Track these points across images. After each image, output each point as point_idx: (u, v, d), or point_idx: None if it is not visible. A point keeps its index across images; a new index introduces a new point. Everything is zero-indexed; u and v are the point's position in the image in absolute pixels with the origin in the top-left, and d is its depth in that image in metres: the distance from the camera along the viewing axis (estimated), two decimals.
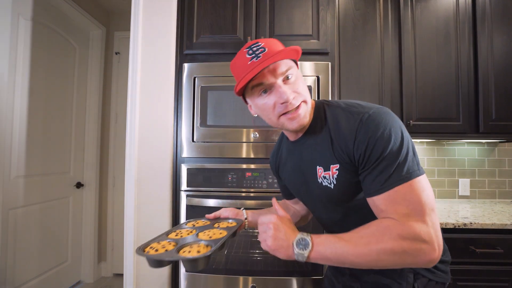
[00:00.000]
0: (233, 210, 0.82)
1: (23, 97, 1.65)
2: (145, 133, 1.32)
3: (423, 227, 0.48)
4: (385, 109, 0.59)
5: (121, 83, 2.33)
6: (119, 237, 2.32)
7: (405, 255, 0.48)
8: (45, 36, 1.80)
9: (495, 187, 1.73)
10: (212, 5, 1.34)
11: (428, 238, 0.47)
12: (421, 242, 0.47)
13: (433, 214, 0.50)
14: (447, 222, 1.14)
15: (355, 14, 1.50)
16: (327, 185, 0.63)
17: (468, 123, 1.46)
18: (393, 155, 0.52)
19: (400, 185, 0.51)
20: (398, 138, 0.53)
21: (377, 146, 0.53)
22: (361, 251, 0.49)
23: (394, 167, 0.52)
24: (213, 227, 0.71)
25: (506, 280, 1.11)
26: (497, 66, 1.45)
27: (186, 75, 1.30)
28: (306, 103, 0.62)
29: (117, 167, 2.36)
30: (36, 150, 1.75)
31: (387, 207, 0.52)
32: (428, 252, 0.47)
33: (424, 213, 0.49)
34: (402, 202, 0.50)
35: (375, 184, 0.53)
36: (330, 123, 0.62)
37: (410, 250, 0.47)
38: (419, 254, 0.47)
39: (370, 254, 0.49)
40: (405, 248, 0.47)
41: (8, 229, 1.55)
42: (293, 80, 0.61)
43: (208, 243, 0.58)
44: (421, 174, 0.52)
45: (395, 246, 0.47)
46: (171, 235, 0.67)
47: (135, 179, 1.30)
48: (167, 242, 0.61)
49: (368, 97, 1.48)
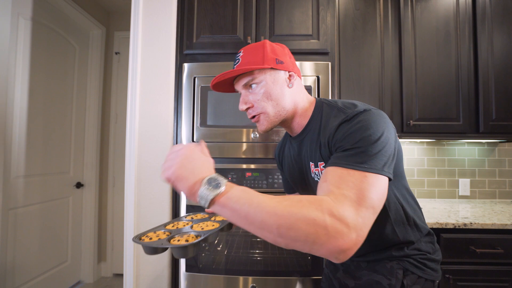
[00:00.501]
0: None
1: (23, 97, 1.65)
2: (145, 133, 1.32)
3: (353, 213, 0.44)
4: (378, 111, 0.59)
5: (121, 83, 2.33)
6: (119, 237, 2.32)
7: (321, 231, 0.42)
8: (45, 36, 1.80)
9: (495, 187, 1.73)
10: (212, 5, 1.34)
11: (352, 225, 0.43)
12: (344, 225, 0.43)
13: (368, 211, 0.46)
14: (447, 222, 1.14)
15: (355, 14, 1.50)
16: (317, 181, 0.67)
17: (468, 123, 1.46)
18: (364, 146, 0.52)
19: (357, 171, 0.49)
20: (377, 134, 0.53)
21: (351, 136, 0.54)
22: (278, 210, 0.43)
23: (360, 155, 0.51)
24: (209, 220, 0.73)
25: (506, 280, 1.11)
26: (497, 66, 1.45)
27: (186, 75, 1.30)
28: (266, 114, 0.67)
29: (117, 167, 2.36)
30: (36, 150, 1.75)
31: (332, 181, 0.49)
32: (345, 237, 0.42)
33: (361, 204, 0.46)
34: (349, 184, 0.48)
35: (337, 158, 0.53)
36: (323, 121, 0.65)
37: (330, 228, 0.42)
38: (336, 235, 0.42)
39: (288, 217, 0.42)
40: (327, 223, 0.42)
41: (8, 229, 1.55)
42: (257, 91, 0.66)
43: (198, 234, 0.60)
44: (383, 175, 0.51)
45: (319, 217, 0.42)
46: (168, 226, 0.70)
47: (135, 179, 1.30)
48: (162, 232, 0.64)
49: (368, 97, 1.48)
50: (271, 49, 0.67)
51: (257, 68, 0.64)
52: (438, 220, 1.17)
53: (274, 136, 1.26)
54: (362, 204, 0.46)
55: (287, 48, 0.72)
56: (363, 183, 0.48)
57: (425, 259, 0.68)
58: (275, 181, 1.24)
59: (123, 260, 1.30)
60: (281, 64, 0.67)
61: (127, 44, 1.44)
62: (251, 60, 0.65)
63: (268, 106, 0.66)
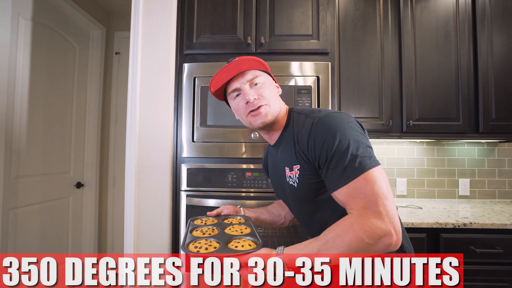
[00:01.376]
0: (233, 207, 0.89)
1: (23, 97, 1.65)
2: (145, 133, 1.32)
3: (378, 221, 0.53)
4: (337, 113, 0.65)
5: (121, 83, 2.33)
6: (119, 237, 2.32)
7: (369, 247, 0.53)
8: (45, 36, 1.80)
9: (495, 187, 1.73)
10: (212, 5, 1.34)
11: (385, 228, 0.53)
12: (381, 235, 0.53)
13: (386, 202, 0.54)
14: (447, 222, 1.14)
15: (355, 14, 1.50)
16: (292, 184, 0.71)
17: (468, 123, 1.46)
18: (341, 152, 0.58)
19: (355, 179, 0.56)
20: (344, 137, 0.59)
21: (325, 146, 0.60)
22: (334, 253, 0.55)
23: (345, 163, 0.57)
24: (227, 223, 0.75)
25: (506, 280, 1.12)
26: (497, 66, 1.45)
27: (186, 75, 1.30)
28: (270, 106, 0.72)
29: (117, 167, 2.36)
30: (36, 150, 1.74)
31: (347, 201, 0.57)
32: (388, 241, 0.53)
33: (378, 204, 0.54)
34: (359, 195, 0.55)
35: (332, 180, 0.59)
36: (295, 127, 0.71)
37: (372, 241, 0.53)
38: (380, 243, 0.53)
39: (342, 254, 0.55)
40: (368, 242, 0.53)
41: (8, 229, 1.55)
42: (260, 86, 0.73)
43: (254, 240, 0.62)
44: (374, 167, 0.56)
45: (359, 242, 0.53)
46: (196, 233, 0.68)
47: (135, 179, 1.30)
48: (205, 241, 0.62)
49: (368, 97, 1.48)
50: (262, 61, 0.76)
51: (261, 68, 0.75)
52: (438, 220, 1.17)
53: None
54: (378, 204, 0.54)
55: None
56: (366, 187, 0.55)
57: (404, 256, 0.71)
58: None
59: None
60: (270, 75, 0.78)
61: (127, 44, 1.44)
62: (250, 64, 0.73)
63: (270, 100, 0.73)
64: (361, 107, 1.47)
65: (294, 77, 1.26)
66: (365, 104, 1.47)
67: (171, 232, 1.31)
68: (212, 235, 0.66)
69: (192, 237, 0.64)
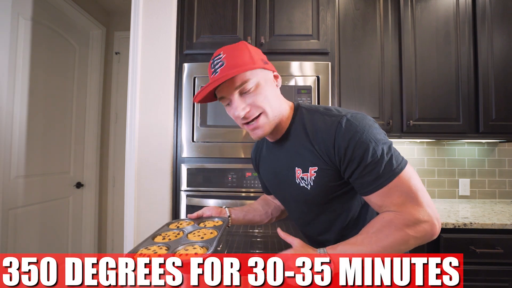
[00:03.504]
0: (216, 209, 0.83)
1: (23, 97, 1.65)
2: (145, 133, 1.32)
3: (420, 210, 0.53)
4: (361, 113, 0.62)
5: (121, 83, 2.33)
6: (119, 237, 2.32)
7: (413, 240, 0.53)
8: (45, 36, 1.80)
9: (495, 187, 1.73)
10: (212, 5, 1.34)
11: (427, 217, 0.53)
12: (423, 223, 0.53)
13: (424, 193, 0.55)
14: (447, 222, 1.14)
15: (355, 14, 1.50)
16: (304, 186, 0.66)
17: (468, 123, 1.46)
18: (376, 156, 0.56)
19: (391, 182, 0.55)
20: (377, 140, 0.57)
21: (357, 150, 0.56)
22: (376, 251, 0.55)
23: (381, 167, 0.55)
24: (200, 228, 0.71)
25: (506, 280, 1.12)
26: (497, 66, 1.45)
27: (186, 75, 1.30)
28: (266, 114, 0.63)
29: (117, 167, 2.36)
30: (36, 150, 1.74)
31: (383, 202, 0.57)
32: (430, 230, 0.53)
33: (417, 196, 0.54)
34: (396, 194, 0.55)
35: (367, 185, 0.57)
36: (308, 127, 0.64)
37: (416, 234, 0.53)
38: (424, 234, 0.53)
39: (385, 251, 0.54)
40: (411, 234, 0.53)
41: (8, 229, 1.55)
42: (252, 93, 0.62)
43: (203, 244, 0.58)
44: (405, 165, 0.56)
45: (403, 236, 0.53)
46: (157, 238, 0.65)
47: (135, 179, 1.30)
48: (158, 247, 0.59)
49: (368, 97, 1.48)
50: (254, 50, 0.65)
51: (250, 69, 0.61)
52: None
53: None
54: (417, 197, 0.54)
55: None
56: (403, 185, 0.55)
57: None
58: None
59: None
60: (267, 65, 0.65)
61: (127, 44, 1.44)
62: (239, 61, 0.61)
63: (266, 106, 0.63)
64: (361, 107, 1.47)
65: (294, 77, 1.26)
66: (365, 104, 1.47)
67: None
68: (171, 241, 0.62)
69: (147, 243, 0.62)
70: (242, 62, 0.61)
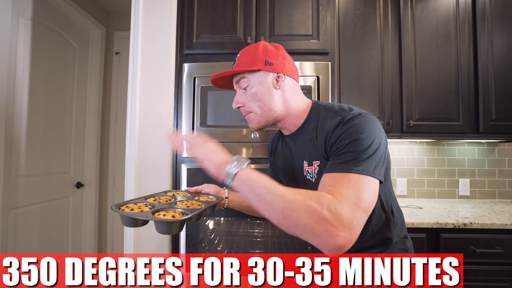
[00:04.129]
0: (215, 187, 0.85)
1: (23, 97, 1.65)
2: (145, 133, 1.32)
3: (350, 213, 0.48)
4: (372, 116, 0.62)
5: (121, 83, 2.33)
6: (119, 237, 2.32)
7: (319, 222, 0.47)
8: (45, 36, 1.80)
9: (495, 187, 1.73)
10: (212, 5, 1.34)
11: (347, 223, 0.47)
12: (339, 222, 0.47)
13: (362, 213, 0.50)
14: (447, 222, 1.14)
15: (355, 14, 1.50)
16: (309, 179, 0.69)
17: (468, 123, 1.46)
18: (358, 150, 0.55)
19: (351, 173, 0.53)
20: (369, 140, 0.56)
21: (346, 138, 0.57)
22: (286, 196, 0.50)
23: (354, 158, 0.54)
24: (192, 199, 0.72)
25: (506, 280, 1.12)
26: (497, 66, 1.45)
27: (186, 75, 1.30)
28: (256, 114, 0.70)
29: (117, 167, 2.36)
30: (36, 150, 1.74)
31: (330, 183, 0.54)
32: (339, 234, 0.46)
33: (358, 204, 0.50)
34: (345, 185, 0.52)
35: (333, 165, 0.57)
36: (320, 123, 0.67)
37: (326, 221, 0.46)
38: (331, 230, 0.46)
39: (293, 202, 0.48)
40: (324, 216, 0.46)
41: (8, 229, 1.55)
42: (247, 91, 0.70)
43: (184, 211, 0.60)
44: (375, 178, 0.54)
45: (318, 209, 0.47)
46: (149, 199, 0.68)
47: (135, 179, 1.30)
48: (144, 204, 0.63)
49: (368, 97, 1.48)
50: (263, 51, 0.69)
51: (246, 69, 0.68)
52: (438, 220, 1.17)
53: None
54: (358, 205, 0.50)
55: (282, 48, 0.73)
56: (357, 185, 0.52)
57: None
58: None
59: None
60: (270, 66, 0.68)
61: (127, 44, 1.44)
62: (244, 61, 0.69)
63: (255, 107, 0.70)
64: (361, 107, 1.46)
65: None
66: (365, 104, 1.47)
67: None
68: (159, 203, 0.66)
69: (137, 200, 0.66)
70: (244, 63, 0.69)
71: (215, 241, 1.27)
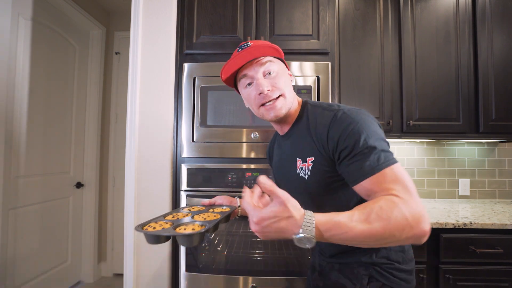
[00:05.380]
0: (228, 198, 0.88)
1: (23, 97, 1.65)
2: (145, 133, 1.32)
3: (418, 204, 0.50)
4: (361, 110, 0.64)
5: (121, 83, 2.33)
6: (119, 237, 2.32)
7: (410, 229, 0.47)
8: (45, 36, 1.80)
9: (495, 187, 1.73)
10: (212, 5, 1.34)
11: (424, 213, 0.49)
12: (420, 217, 0.48)
13: (415, 192, 0.52)
14: (447, 222, 1.14)
15: (355, 14, 1.50)
16: (302, 176, 0.70)
17: (468, 123, 1.46)
18: (368, 145, 0.56)
19: (385, 168, 0.54)
20: (370, 131, 0.58)
21: (349, 139, 0.58)
22: (373, 231, 0.47)
23: (373, 155, 0.55)
24: (208, 212, 0.77)
25: (506, 280, 1.12)
26: (497, 66, 1.45)
27: (186, 75, 1.30)
28: (285, 97, 0.69)
29: (117, 167, 2.36)
30: (36, 150, 1.75)
31: (379, 187, 0.53)
32: (424, 222, 0.48)
33: (414, 191, 0.52)
34: (393, 181, 0.52)
35: (358, 171, 0.56)
36: (311, 120, 0.69)
37: (415, 224, 0.48)
38: (418, 228, 0.48)
39: (382, 233, 0.47)
40: (411, 223, 0.47)
41: (8, 229, 1.55)
42: (274, 76, 0.69)
43: (203, 223, 0.64)
44: (396, 162, 0.56)
45: (403, 220, 0.47)
46: (168, 217, 0.73)
47: (135, 179, 1.30)
48: (164, 222, 0.67)
49: (368, 97, 1.48)
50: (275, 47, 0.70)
51: (276, 55, 0.70)
52: (438, 220, 1.17)
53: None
54: (414, 192, 0.52)
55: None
56: (398, 175, 0.53)
57: (393, 269, 0.67)
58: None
59: (123, 260, 1.30)
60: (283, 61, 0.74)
61: (127, 44, 1.44)
62: (266, 50, 0.67)
63: (286, 90, 0.70)
64: (361, 107, 1.46)
65: (294, 77, 1.26)
66: (365, 104, 1.47)
67: None
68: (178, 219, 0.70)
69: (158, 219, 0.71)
70: (268, 51, 0.68)
71: (215, 241, 1.27)
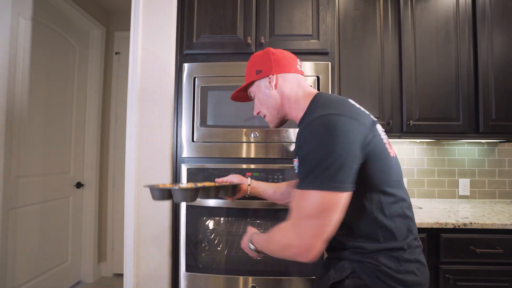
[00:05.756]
0: (239, 176, 0.98)
1: (23, 97, 1.65)
2: (145, 133, 1.32)
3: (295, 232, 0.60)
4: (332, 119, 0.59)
5: (121, 83, 2.33)
6: (119, 237, 2.32)
7: (281, 252, 0.65)
8: (45, 36, 1.80)
9: (495, 187, 1.73)
10: (212, 5, 1.34)
11: (292, 242, 0.60)
12: (286, 246, 0.62)
13: (308, 223, 0.58)
14: (447, 222, 1.14)
15: (355, 14, 1.50)
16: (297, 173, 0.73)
17: (468, 123, 1.46)
18: (313, 161, 0.58)
19: (309, 190, 0.58)
20: (326, 149, 0.56)
21: (303, 147, 0.61)
22: (271, 247, 0.69)
23: (311, 172, 0.58)
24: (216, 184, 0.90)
25: (506, 280, 1.12)
26: (497, 66, 1.45)
27: (186, 75, 1.30)
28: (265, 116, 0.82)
29: (117, 167, 2.36)
30: (36, 150, 1.75)
31: (293, 202, 0.62)
32: (290, 252, 0.61)
33: (300, 219, 0.60)
34: (299, 204, 0.60)
35: (298, 179, 0.64)
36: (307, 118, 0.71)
37: (283, 249, 0.63)
38: (287, 252, 0.62)
39: (274, 252, 0.68)
40: (282, 248, 0.64)
41: (8, 229, 1.55)
42: (256, 99, 0.82)
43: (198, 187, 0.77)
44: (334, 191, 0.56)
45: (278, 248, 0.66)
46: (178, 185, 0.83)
47: (135, 179, 1.30)
48: (170, 184, 0.79)
49: (368, 97, 1.48)
50: (253, 63, 0.80)
51: (245, 85, 0.82)
52: (438, 220, 1.17)
53: (275, 136, 1.26)
54: (299, 216, 0.60)
55: (269, 50, 0.78)
56: (298, 201, 0.60)
57: (379, 271, 0.62)
58: (275, 181, 1.24)
59: (123, 260, 1.30)
60: (260, 73, 0.77)
61: (127, 44, 1.44)
62: (246, 77, 0.83)
63: (264, 111, 0.81)
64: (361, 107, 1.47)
65: None
66: (365, 104, 1.47)
67: (171, 232, 1.31)
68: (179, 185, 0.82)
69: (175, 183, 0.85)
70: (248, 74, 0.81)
71: (215, 241, 1.27)
